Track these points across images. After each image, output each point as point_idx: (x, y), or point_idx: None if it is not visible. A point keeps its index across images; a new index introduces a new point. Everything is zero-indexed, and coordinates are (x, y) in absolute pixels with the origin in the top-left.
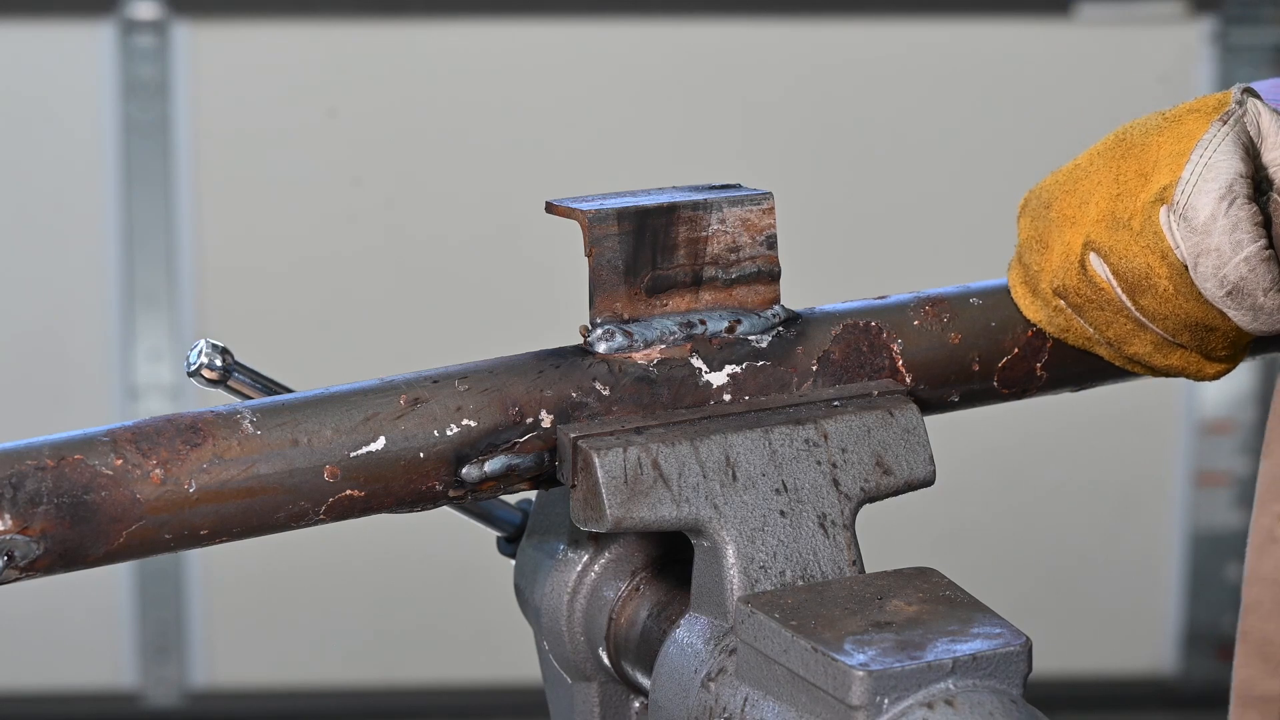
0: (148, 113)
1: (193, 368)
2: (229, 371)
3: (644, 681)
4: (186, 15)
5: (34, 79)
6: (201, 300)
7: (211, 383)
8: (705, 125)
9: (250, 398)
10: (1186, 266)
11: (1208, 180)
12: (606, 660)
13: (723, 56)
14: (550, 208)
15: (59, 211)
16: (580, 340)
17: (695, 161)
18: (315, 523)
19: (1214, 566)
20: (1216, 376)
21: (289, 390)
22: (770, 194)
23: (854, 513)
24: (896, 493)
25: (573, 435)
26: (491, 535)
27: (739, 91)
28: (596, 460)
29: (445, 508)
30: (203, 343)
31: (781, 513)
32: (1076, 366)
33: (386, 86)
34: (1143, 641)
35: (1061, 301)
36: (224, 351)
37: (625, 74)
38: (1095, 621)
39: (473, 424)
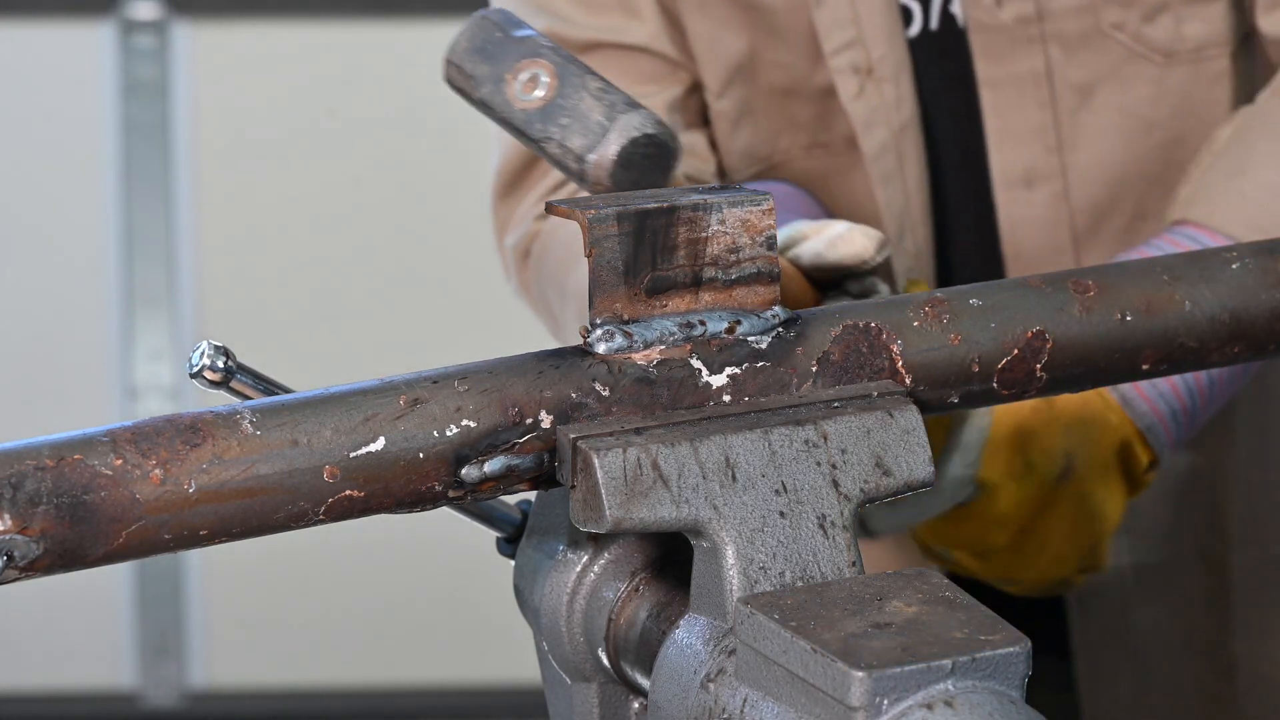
0: (148, 113)
1: (195, 369)
2: (231, 373)
3: (643, 682)
4: (186, 15)
5: (34, 79)
6: (201, 300)
7: (214, 384)
8: None
9: (252, 399)
10: None
11: None
12: (606, 661)
13: None
14: (550, 208)
15: (59, 211)
16: (580, 341)
17: None
18: (315, 523)
19: None
20: None
21: (290, 391)
22: (770, 195)
23: (854, 514)
24: (896, 494)
25: (572, 436)
26: (491, 535)
27: None
28: (596, 461)
29: (445, 508)
30: (205, 344)
31: (781, 514)
32: (1076, 368)
33: (386, 86)
34: None
35: None
36: (226, 353)
37: None
38: None
39: (472, 424)
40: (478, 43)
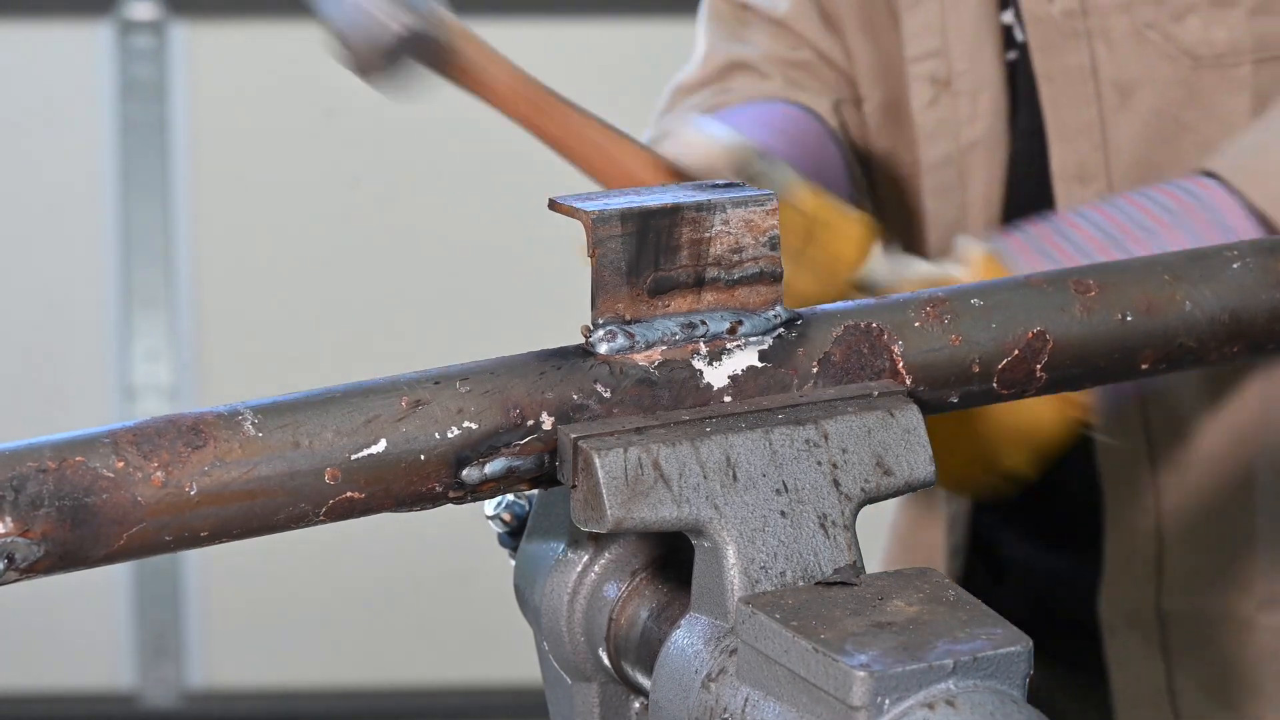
0: (146, 113)
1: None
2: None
3: (644, 682)
4: (184, 15)
5: (33, 79)
6: (199, 300)
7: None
8: None
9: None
10: None
11: None
12: (606, 661)
13: None
14: (554, 205)
15: (57, 211)
16: (582, 341)
17: None
18: (315, 523)
19: None
20: None
21: None
22: (773, 194)
23: (854, 513)
24: (897, 493)
25: (573, 435)
26: (492, 535)
27: None
28: (597, 460)
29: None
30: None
31: (782, 513)
32: (1076, 368)
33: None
34: None
35: None
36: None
37: (625, 74)
38: None
39: (473, 426)
40: None
